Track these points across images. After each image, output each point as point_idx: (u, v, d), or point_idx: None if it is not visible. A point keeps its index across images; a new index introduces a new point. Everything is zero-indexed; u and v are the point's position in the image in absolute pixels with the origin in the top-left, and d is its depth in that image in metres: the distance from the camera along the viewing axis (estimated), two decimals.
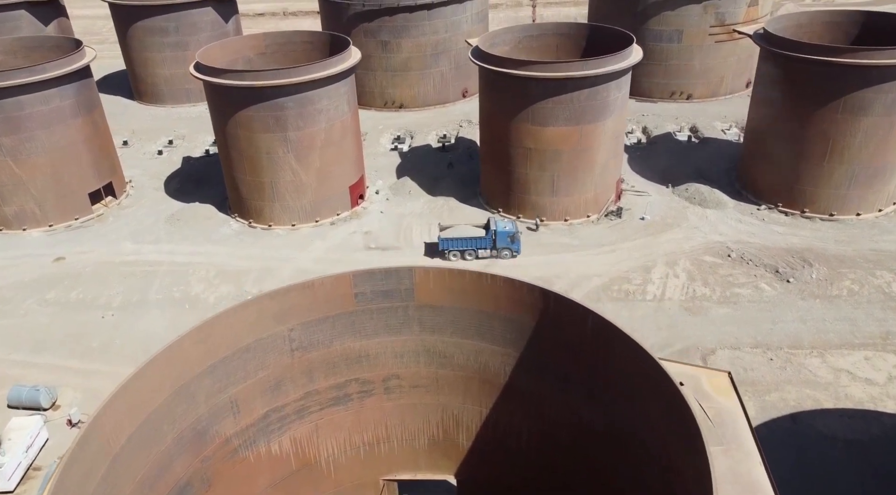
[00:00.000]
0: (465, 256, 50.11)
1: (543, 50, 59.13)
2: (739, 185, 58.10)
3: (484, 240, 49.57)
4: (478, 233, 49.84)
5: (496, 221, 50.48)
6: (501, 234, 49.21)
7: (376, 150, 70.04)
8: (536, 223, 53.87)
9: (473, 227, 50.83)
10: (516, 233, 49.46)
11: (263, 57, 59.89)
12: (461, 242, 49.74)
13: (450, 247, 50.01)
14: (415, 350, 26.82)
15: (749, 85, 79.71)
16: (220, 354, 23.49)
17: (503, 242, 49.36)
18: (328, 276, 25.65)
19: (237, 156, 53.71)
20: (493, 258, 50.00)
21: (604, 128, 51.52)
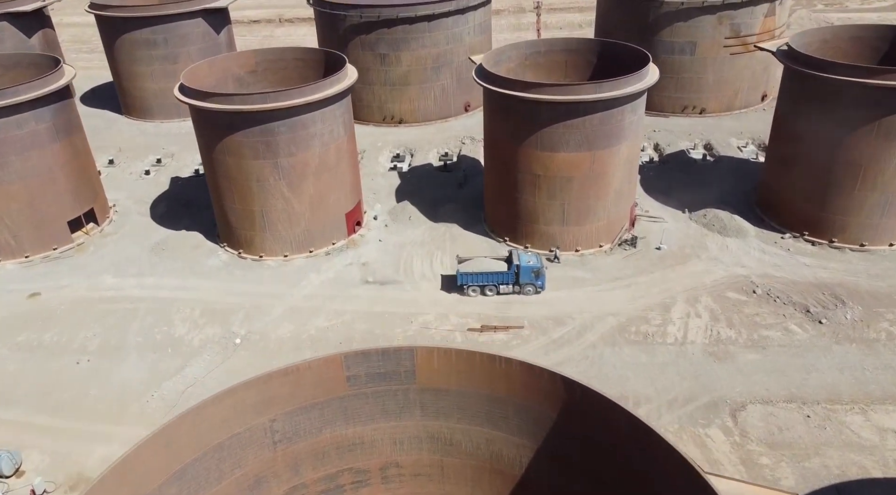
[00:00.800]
0: (486, 291, 46.66)
1: (551, 67, 55.63)
2: (761, 211, 54.56)
3: (506, 276, 46.11)
4: (499, 268, 46.36)
5: (519, 255, 46.92)
6: (525, 270, 45.72)
7: (374, 170, 66.52)
8: (554, 254, 50.35)
9: (495, 261, 47.29)
10: (541, 269, 45.96)
11: (254, 75, 56.39)
12: (482, 277, 46.27)
13: (469, 282, 46.56)
14: (416, 436, 23.37)
15: (765, 98, 76.45)
16: (189, 457, 19.99)
17: (527, 278, 45.91)
18: (315, 359, 22.12)
19: (225, 183, 50.19)
20: (516, 294, 46.62)
21: (618, 153, 48.02)
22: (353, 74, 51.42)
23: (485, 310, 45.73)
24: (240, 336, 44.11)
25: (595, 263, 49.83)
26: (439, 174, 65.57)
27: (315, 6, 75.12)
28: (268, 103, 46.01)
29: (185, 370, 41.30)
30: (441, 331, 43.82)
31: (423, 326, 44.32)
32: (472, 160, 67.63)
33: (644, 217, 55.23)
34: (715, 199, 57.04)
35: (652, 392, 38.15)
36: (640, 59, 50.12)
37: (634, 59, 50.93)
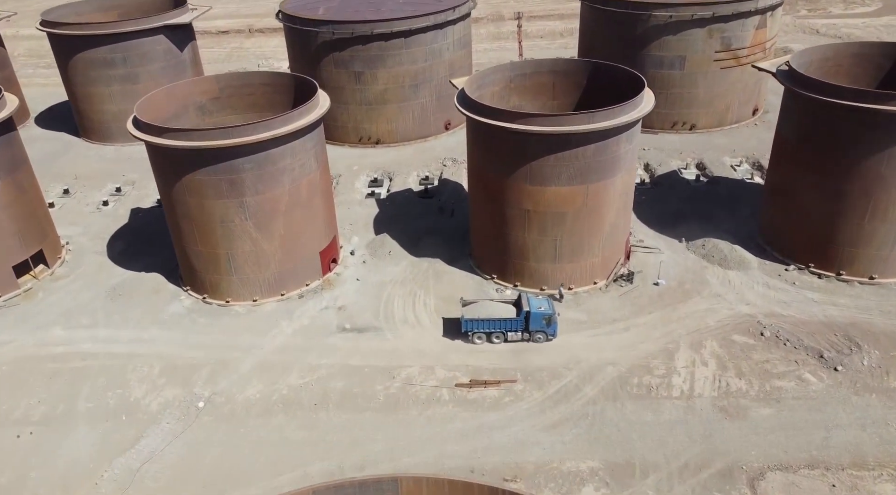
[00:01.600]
0: (493, 339, 42.92)
1: (538, 89, 52.05)
2: (762, 240, 51.50)
3: (515, 323, 42.39)
4: (507, 314, 42.59)
5: (529, 300, 43.04)
6: (535, 317, 41.99)
7: (350, 197, 62.45)
8: (560, 292, 46.83)
9: (502, 305, 43.49)
10: (553, 315, 42.19)
11: (218, 102, 52.04)
12: (489, 324, 42.51)
13: (475, 329, 42.80)
14: None
15: (756, 112, 73.78)
16: None
17: (537, 325, 42.21)
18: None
19: (186, 225, 45.85)
20: (525, 341, 42.90)
21: (613, 186, 44.57)
22: (324, 102, 47.36)
23: (473, 360, 41.98)
24: (203, 398, 39.84)
25: (590, 303, 46.32)
26: (420, 201, 61.71)
27: (284, 22, 70.84)
28: (231, 138, 41.79)
29: (140, 442, 36.94)
30: (426, 387, 39.96)
31: (406, 382, 40.43)
32: (455, 184, 63.88)
33: (639, 248, 51.90)
34: (712, 227, 53.90)
35: (660, 458, 34.67)
36: (633, 82, 46.74)
37: (627, 81, 47.55)
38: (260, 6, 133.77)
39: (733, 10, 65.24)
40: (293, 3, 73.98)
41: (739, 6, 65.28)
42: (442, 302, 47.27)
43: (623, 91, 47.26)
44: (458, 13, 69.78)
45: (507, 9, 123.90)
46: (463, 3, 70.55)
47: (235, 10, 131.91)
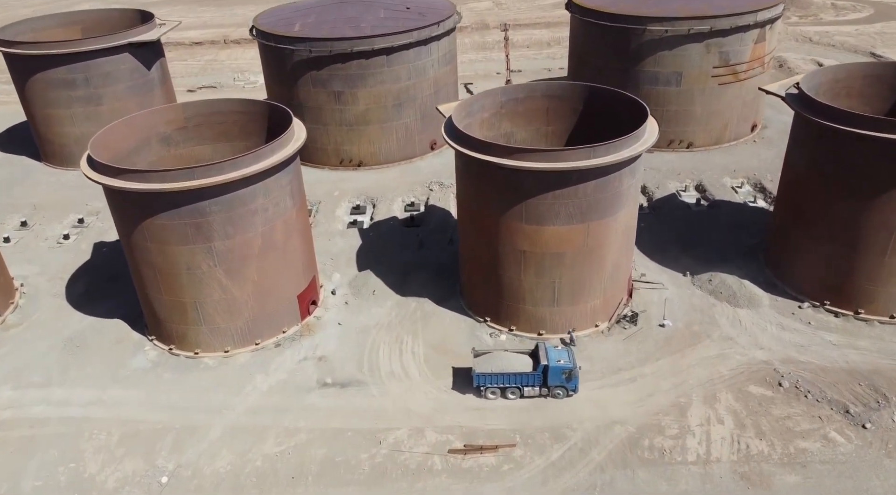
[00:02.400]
0: (508, 394, 39.08)
1: (531, 115, 48.45)
2: (772, 273, 48.32)
3: (532, 378, 38.60)
4: (523, 367, 38.78)
5: (547, 351, 39.14)
6: (555, 371, 38.18)
7: (331, 227, 58.44)
8: (571, 337, 43.23)
9: (518, 357, 39.65)
10: (573, 370, 38.30)
11: (184, 132, 47.83)
12: (503, 379, 38.65)
13: (488, 384, 38.95)
14: None
15: (755, 128, 70.86)
16: None
17: (556, 380, 38.42)
18: None
19: (149, 272, 41.66)
20: (543, 397, 39.12)
21: (615, 223, 41.06)
22: (300, 134, 43.37)
23: (467, 420, 38.18)
24: (167, 471, 35.69)
25: (592, 349, 42.75)
26: (406, 230, 57.87)
27: (259, 39, 66.66)
28: (195, 180, 37.69)
29: None
30: (416, 454, 36.14)
31: (393, 448, 36.54)
32: (442, 212, 60.11)
33: (641, 283, 48.50)
34: (718, 258, 50.62)
35: None
36: (634, 108, 43.31)
37: (627, 107, 44.15)
38: (236, 16, 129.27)
39: (732, 23, 62.18)
40: (267, 17, 69.83)
41: (738, 20, 62.23)
42: (431, 350, 43.47)
43: (622, 117, 43.92)
44: (443, 28, 66.07)
45: (491, 17, 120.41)
46: (448, 18, 66.84)
47: (210, 20, 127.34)
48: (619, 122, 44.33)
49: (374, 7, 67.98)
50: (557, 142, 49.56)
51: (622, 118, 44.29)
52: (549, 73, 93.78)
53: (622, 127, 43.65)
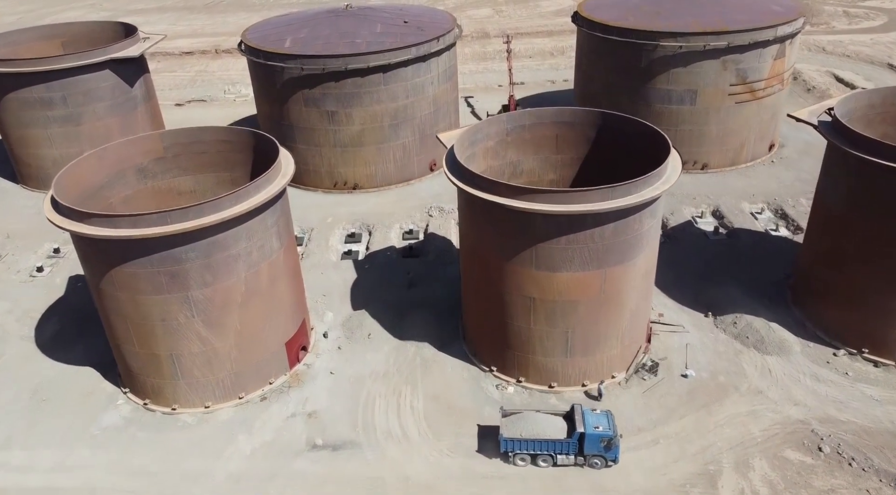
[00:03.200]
0: (539, 462, 35.05)
1: (539, 143, 44.68)
2: (801, 314, 44.56)
3: (566, 445, 34.55)
4: (557, 434, 34.73)
5: (584, 416, 35.02)
6: (592, 440, 34.12)
7: (323, 258, 54.57)
8: (600, 391, 39.40)
9: (551, 420, 35.59)
10: (613, 439, 34.06)
11: (163, 163, 44.01)
12: (534, 445, 34.68)
13: (517, 450, 35.00)
14: None
15: (772, 148, 67.13)
16: None
17: (594, 449, 34.37)
18: None
19: (119, 323, 37.81)
20: (579, 466, 35.08)
21: (634, 268, 37.28)
22: (288, 169, 39.58)
23: (473, 490, 34.37)
24: None
25: (610, 404, 38.76)
26: (404, 261, 54.05)
27: (248, 55, 62.81)
28: (169, 225, 33.82)
29: None
30: None
31: None
32: (442, 241, 56.29)
33: (660, 325, 44.71)
34: (741, 295, 46.83)
35: None
36: (652, 139, 39.57)
37: (643, 137, 40.44)
38: (227, 24, 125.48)
39: (750, 39, 58.43)
40: (257, 31, 65.99)
41: (757, 35, 58.47)
42: (432, 404, 39.66)
43: (639, 147, 40.38)
44: (443, 43, 62.28)
45: (491, 25, 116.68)
46: (448, 33, 63.05)
47: (200, 29, 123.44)
48: (636, 152, 40.82)
49: (370, 21, 64.19)
50: (567, 172, 45.85)
51: (639, 148, 40.70)
52: (553, 86, 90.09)
53: (639, 157, 40.14)
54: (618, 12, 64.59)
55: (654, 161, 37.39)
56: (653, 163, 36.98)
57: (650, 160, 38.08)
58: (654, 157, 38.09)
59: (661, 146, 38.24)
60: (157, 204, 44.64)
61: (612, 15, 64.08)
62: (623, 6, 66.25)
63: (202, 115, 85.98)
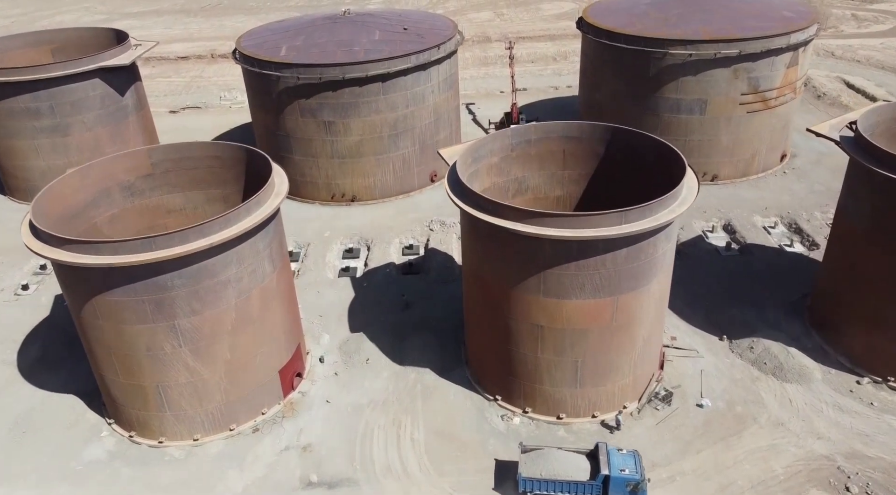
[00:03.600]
0: None
1: (545, 158, 42.60)
2: (821, 337, 42.49)
3: (589, 488, 32.35)
4: (579, 475, 32.60)
5: (610, 456, 32.81)
6: (617, 483, 31.96)
7: (320, 276, 52.47)
8: (618, 421, 37.34)
9: (573, 458, 33.46)
10: (641, 483, 31.89)
11: (150, 180, 41.92)
12: (554, 486, 32.51)
13: (536, 491, 32.78)
14: None
15: (784, 158, 65.03)
16: None
17: (619, 493, 32.18)
18: None
19: (103, 352, 35.72)
20: None
21: (648, 294, 35.20)
22: (281, 188, 37.48)
23: None
24: None
25: (622, 437, 36.72)
26: (403, 279, 51.97)
27: (242, 64, 60.70)
28: (154, 252, 31.74)
29: None
30: None
31: None
32: (444, 256, 54.19)
33: (672, 348, 42.64)
34: (756, 316, 44.78)
35: None
36: (665, 156, 37.49)
37: (657, 154, 38.38)
38: (224, 28, 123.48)
39: (763, 47, 56.36)
40: (252, 38, 63.91)
41: (770, 43, 56.40)
42: (434, 436, 37.54)
43: (651, 163, 38.50)
44: (444, 51, 60.21)
45: (493, 29, 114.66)
46: (448, 40, 60.98)
47: (197, 32, 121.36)
48: (648, 168, 38.88)
49: (369, 27, 62.09)
50: (575, 188, 43.77)
51: (651, 165, 38.74)
52: (556, 92, 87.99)
53: (651, 174, 38.31)
54: (624, 18, 62.55)
55: (667, 178, 35.39)
56: (665, 180, 34.97)
57: (663, 177, 36.12)
58: (668, 175, 36.09)
59: (676, 164, 36.14)
60: (145, 222, 42.71)
61: (618, 21, 62.03)
62: (630, 12, 64.22)
63: (197, 122, 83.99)
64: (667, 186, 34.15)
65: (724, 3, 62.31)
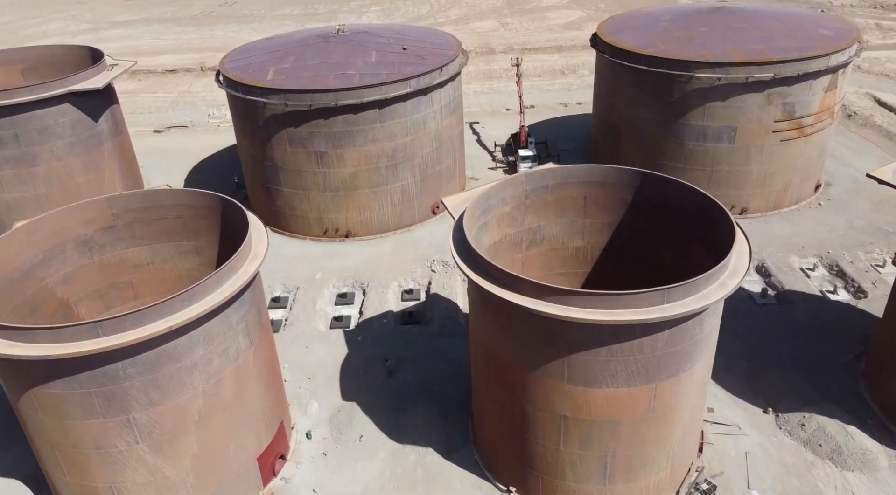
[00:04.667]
0: None
1: (564, 205, 37.24)
2: (882, 412, 37.01)
3: None
4: None
5: None
6: None
7: (310, 327, 47.08)
8: None
9: None
10: None
11: (112, 233, 36.57)
12: None
13: None
14: None
15: (818, 188, 59.60)
16: None
17: None
18: None
19: (46, 449, 30.33)
20: None
21: (690, 379, 29.80)
22: (259, 248, 32.09)
23: None
24: None
25: None
26: (402, 330, 46.62)
27: (226, 88, 55.34)
28: (101, 339, 26.36)
29: None
30: None
31: None
32: (447, 303, 48.81)
33: (709, 422, 37.22)
34: (804, 381, 39.34)
35: None
36: (707, 211, 32.09)
37: (696, 207, 33.00)
38: (217, 37, 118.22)
39: (800, 69, 50.95)
40: (237, 59, 58.56)
41: (807, 65, 51.00)
42: None
43: (687, 215, 33.25)
44: (447, 73, 54.87)
45: (496, 39, 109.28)
46: (452, 61, 55.65)
47: (187, 43, 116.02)
48: (684, 220, 33.65)
49: (364, 47, 56.72)
50: (597, 238, 38.42)
51: (688, 217, 33.45)
52: (566, 110, 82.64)
53: (688, 227, 33.18)
54: (644, 37, 57.15)
55: (707, 233, 30.46)
56: (706, 235, 30.01)
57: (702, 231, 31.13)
58: (708, 230, 31.14)
59: (720, 222, 30.76)
60: (106, 279, 37.40)
61: (638, 40, 56.63)
62: (649, 30, 58.83)
63: (183, 143, 78.76)
64: (706, 240, 29.10)
65: (754, 21, 56.90)
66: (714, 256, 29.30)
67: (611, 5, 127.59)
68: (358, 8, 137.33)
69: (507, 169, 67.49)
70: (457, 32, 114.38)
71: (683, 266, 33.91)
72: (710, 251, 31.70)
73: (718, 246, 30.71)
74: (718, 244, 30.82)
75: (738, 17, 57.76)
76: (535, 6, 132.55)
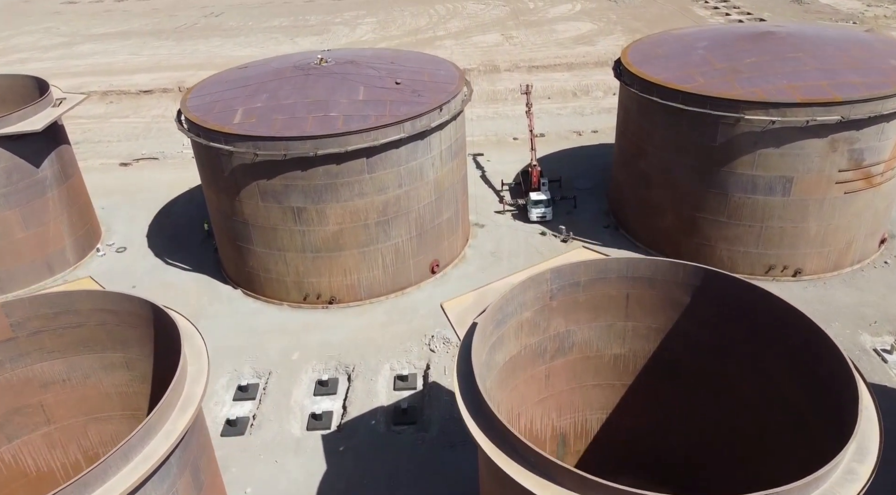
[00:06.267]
0: None
1: (601, 305, 28.81)
2: None
3: None
4: None
5: None
6: None
7: (283, 430, 38.44)
8: None
9: None
10: None
11: (13, 346, 28.06)
12: None
13: None
14: None
15: (884, 243, 51.13)
16: None
17: None
18: None
19: None
20: None
21: None
22: (195, 388, 23.64)
23: None
24: None
25: None
26: (395, 435, 38.10)
27: (189, 134, 46.82)
28: None
29: None
30: None
31: None
32: (449, 397, 40.15)
33: None
34: None
35: None
36: (810, 343, 23.69)
37: (781, 324, 24.63)
38: (199, 53, 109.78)
39: (872, 111, 42.50)
40: (202, 95, 49.95)
41: (881, 106, 42.54)
42: None
43: (774, 332, 24.74)
44: (448, 113, 46.42)
45: (501, 55, 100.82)
46: (454, 97, 47.17)
47: (165, 59, 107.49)
48: (769, 342, 25.19)
49: (350, 82, 48.21)
50: (641, 345, 30.01)
51: (775, 338, 25.00)
52: (580, 138, 74.18)
53: (776, 350, 24.76)
54: (679, 69, 48.66)
55: (801, 363, 21.85)
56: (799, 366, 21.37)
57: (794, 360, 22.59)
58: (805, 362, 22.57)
59: (826, 359, 22.32)
60: (9, 404, 29.00)
61: (671, 73, 48.13)
62: (683, 59, 50.35)
63: (151, 178, 70.27)
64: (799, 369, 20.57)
65: (808, 49, 48.44)
66: (809, 389, 21.08)
67: (623, 17, 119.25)
68: (352, 20, 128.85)
69: (517, 213, 59.08)
70: (458, 47, 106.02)
71: (764, 395, 25.65)
72: (805, 384, 23.47)
73: (819, 381, 22.46)
74: (819, 379, 22.55)
75: (790, 44, 49.28)
76: (542, 17, 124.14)
